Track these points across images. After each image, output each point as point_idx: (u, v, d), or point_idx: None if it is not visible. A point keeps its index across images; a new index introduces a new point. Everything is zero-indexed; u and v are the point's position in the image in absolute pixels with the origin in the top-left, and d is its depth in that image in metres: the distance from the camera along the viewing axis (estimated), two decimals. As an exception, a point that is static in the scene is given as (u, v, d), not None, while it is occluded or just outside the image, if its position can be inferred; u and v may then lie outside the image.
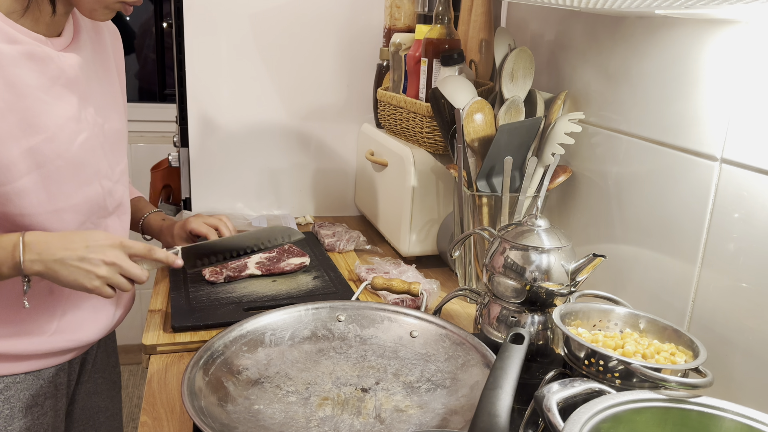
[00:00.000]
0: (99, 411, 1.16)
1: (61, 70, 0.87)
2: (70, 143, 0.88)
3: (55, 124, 0.86)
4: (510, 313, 0.90)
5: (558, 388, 0.65)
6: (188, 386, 0.76)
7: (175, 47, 1.48)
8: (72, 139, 0.89)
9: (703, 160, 0.87)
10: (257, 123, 1.58)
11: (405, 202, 1.31)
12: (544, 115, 1.15)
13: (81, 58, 0.91)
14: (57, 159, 0.87)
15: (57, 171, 0.87)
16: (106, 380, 1.17)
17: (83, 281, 0.86)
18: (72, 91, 0.89)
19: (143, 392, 0.90)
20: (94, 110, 0.94)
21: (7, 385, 0.94)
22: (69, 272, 0.85)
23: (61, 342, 0.97)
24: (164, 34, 2.76)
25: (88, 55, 0.94)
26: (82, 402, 1.12)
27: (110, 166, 0.97)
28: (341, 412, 0.79)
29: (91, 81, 0.94)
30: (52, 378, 1.00)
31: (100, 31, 0.99)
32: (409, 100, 1.34)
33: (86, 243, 0.86)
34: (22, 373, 0.95)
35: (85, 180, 0.92)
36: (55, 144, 0.86)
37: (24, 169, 0.84)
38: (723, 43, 0.84)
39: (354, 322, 0.98)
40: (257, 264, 1.22)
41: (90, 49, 0.95)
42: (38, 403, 0.98)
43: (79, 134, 0.90)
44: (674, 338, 0.77)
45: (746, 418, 0.62)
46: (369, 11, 1.57)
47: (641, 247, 0.99)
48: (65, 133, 0.87)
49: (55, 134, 0.86)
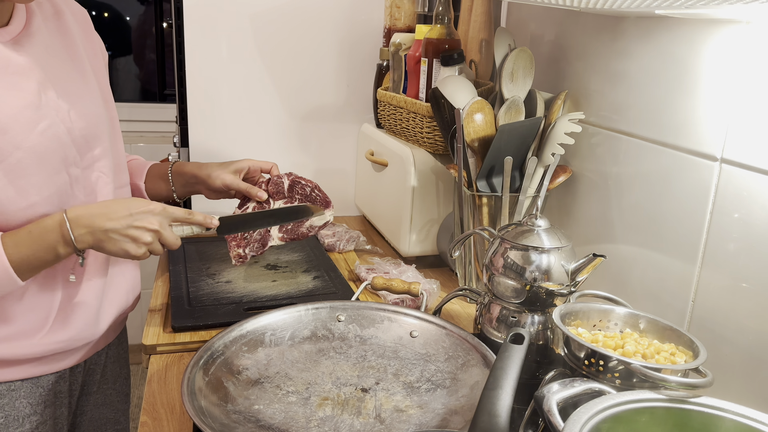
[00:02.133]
0: (107, 423, 1.14)
1: (6, 59, 0.84)
2: (28, 132, 0.85)
3: (6, 115, 0.83)
4: (510, 313, 0.90)
5: (558, 388, 0.65)
6: (188, 386, 0.76)
7: (175, 47, 1.48)
8: (30, 128, 0.85)
9: (703, 160, 0.87)
10: (257, 123, 1.58)
11: (405, 202, 1.31)
12: (544, 115, 1.15)
13: (37, 45, 0.88)
14: (15, 151, 0.83)
15: (18, 164, 0.84)
16: (117, 392, 1.15)
17: (129, 249, 0.89)
18: (27, 78, 0.86)
19: (143, 392, 0.90)
20: (56, 95, 0.90)
21: (1, 393, 0.92)
22: (116, 242, 0.88)
23: (53, 344, 0.95)
24: (164, 34, 2.76)
25: (47, 41, 0.91)
26: (91, 413, 1.10)
27: (80, 151, 0.93)
28: (341, 412, 0.79)
29: (53, 67, 0.91)
30: (51, 386, 0.98)
31: (61, 15, 0.96)
32: (409, 100, 1.34)
33: (129, 211, 0.88)
34: (18, 380, 0.94)
35: (53, 170, 0.88)
36: (9, 135, 0.83)
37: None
38: (723, 43, 0.84)
39: (354, 322, 0.98)
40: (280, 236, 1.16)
41: (48, 35, 0.92)
42: (36, 412, 0.96)
43: (38, 122, 0.86)
44: (674, 338, 0.77)
45: (746, 418, 0.62)
46: (369, 11, 1.57)
47: (641, 247, 0.99)
48: (20, 123, 0.84)
49: (8, 125, 0.83)
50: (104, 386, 1.12)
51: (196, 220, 0.96)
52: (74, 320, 0.97)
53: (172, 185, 1.17)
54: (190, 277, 1.20)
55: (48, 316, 0.94)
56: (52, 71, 0.90)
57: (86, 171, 0.96)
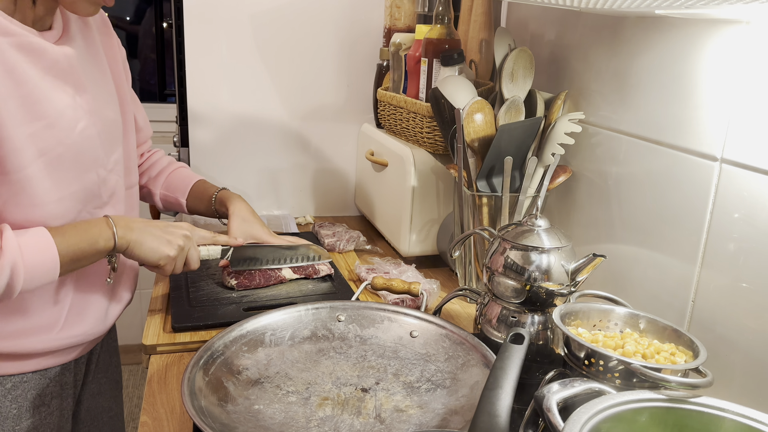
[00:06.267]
0: (103, 411, 1.16)
1: (54, 60, 0.88)
2: (69, 130, 0.89)
3: (55, 110, 0.87)
4: (510, 313, 0.90)
5: (558, 388, 0.65)
6: (188, 386, 0.76)
7: (175, 47, 1.48)
8: (71, 127, 0.90)
9: (703, 160, 0.87)
10: (257, 123, 1.58)
11: (405, 202, 1.31)
12: (544, 115, 1.15)
13: (73, 50, 0.92)
14: (58, 146, 0.88)
15: (58, 158, 0.88)
16: (110, 380, 1.18)
17: (164, 247, 0.96)
18: (66, 81, 0.90)
19: (143, 392, 0.90)
20: (91, 99, 0.95)
21: (15, 385, 0.95)
22: (153, 239, 0.95)
23: (67, 339, 0.98)
24: (164, 34, 2.76)
25: (80, 47, 0.96)
26: (87, 403, 1.13)
27: (106, 154, 0.98)
28: (341, 412, 0.79)
29: (86, 71, 0.95)
30: (57, 377, 1.00)
31: (87, 24, 1.00)
32: (409, 100, 1.34)
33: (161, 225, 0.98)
34: (29, 372, 0.96)
35: (84, 168, 0.93)
36: (55, 130, 0.87)
37: (30, 156, 0.84)
38: (723, 43, 0.84)
39: (354, 322, 0.98)
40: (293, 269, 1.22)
41: (81, 42, 0.96)
42: (45, 403, 0.99)
43: (77, 122, 0.91)
44: (674, 338, 0.77)
45: (746, 418, 0.62)
46: (369, 11, 1.57)
47: (641, 247, 0.99)
48: (64, 120, 0.89)
49: (55, 121, 0.87)
50: (98, 375, 1.14)
51: (219, 240, 1.07)
52: (87, 316, 1.00)
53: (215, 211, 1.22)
54: (190, 277, 1.20)
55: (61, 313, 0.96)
56: (84, 75, 0.94)
57: (110, 174, 1.00)
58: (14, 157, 0.83)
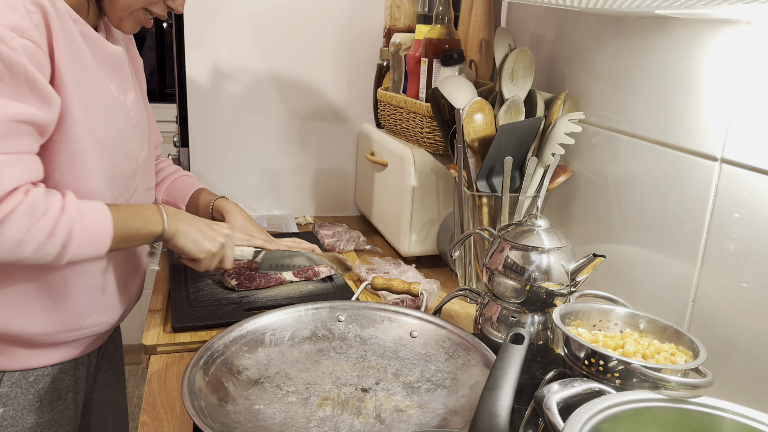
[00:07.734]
0: (109, 403, 1.18)
1: (107, 53, 0.94)
2: (115, 118, 0.94)
3: (108, 95, 0.92)
4: (510, 313, 0.90)
5: (558, 388, 0.65)
6: (188, 386, 0.76)
7: (175, 47, 1.48)
8: (117, 116, 0.94)
9: (703, 160, 0.87)
10: (257, 123, 1.58)
11: (405, 202, 1.31)
12: (544, 115, 1.15)
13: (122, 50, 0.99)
14: (106, 127, 0.92)
15: (105, 140, 0.92)
16: (115, 372, 1.19)
17: (208, 244, 0.98)
18: (115, 75, 0.96)
19: (143, 392, 0.90)
20: (133, 97, 1.01)
21: (37, 378, 0.97)
22: (198, 234, 0.97)
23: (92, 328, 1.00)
24: (164, 34, 2.76)
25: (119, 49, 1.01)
26: (95, 395, 1.15)
27: (138, 150, 1.02)
28: (341, 412, 0.79)
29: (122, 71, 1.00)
30: (72, 371, 1.03)
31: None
32: (409, 100, 1.34)
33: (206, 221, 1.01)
34: (49, 366, 0.98)
35: (123, 156, 0.97)
36: (105, 112, 0.91)
37: (85, 130, 0.87)
38: (723, 43, 0.84)
39: (354, 322, 0.98)
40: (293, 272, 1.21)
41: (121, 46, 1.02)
42: (62, 396, 1.01)
43: (121, 114, 0.95)
44: (674, 338, 0.77)
45: (746, 418, 0.62)
46: (369, 11, 1.57)
47: (641, 247, 0.99)
48: (113, 107, 0.93)
49: (107, 104, 0.92)
50: (104, 368, 1.15)
51: (255, 243, 1.09)
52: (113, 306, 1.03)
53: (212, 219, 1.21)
54: (190, 277, 1.20)
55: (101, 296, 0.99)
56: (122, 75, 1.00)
57: (138, 170, 1.03)
58: (76, 127, 0.86)
